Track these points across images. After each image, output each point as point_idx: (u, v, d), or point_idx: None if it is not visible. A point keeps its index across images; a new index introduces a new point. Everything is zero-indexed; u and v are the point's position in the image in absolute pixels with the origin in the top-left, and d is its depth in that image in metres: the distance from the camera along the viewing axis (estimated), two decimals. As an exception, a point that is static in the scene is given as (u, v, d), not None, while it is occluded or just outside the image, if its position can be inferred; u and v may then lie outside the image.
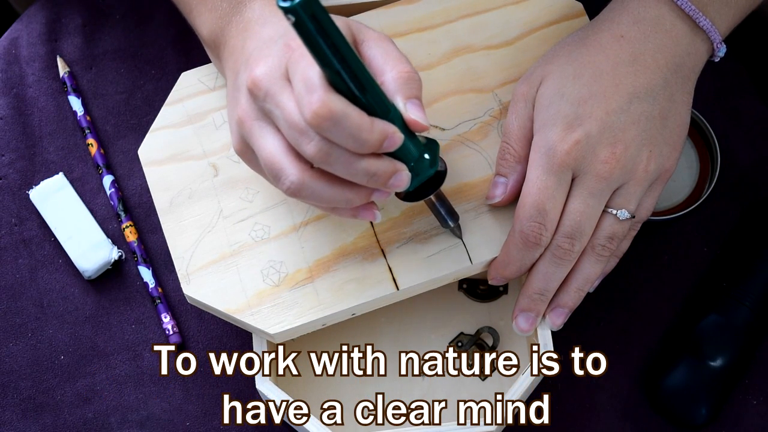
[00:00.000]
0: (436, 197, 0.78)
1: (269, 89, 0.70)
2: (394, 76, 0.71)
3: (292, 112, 0.69)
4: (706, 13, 0.79)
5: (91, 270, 0.93)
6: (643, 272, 0.93)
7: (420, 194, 0.76)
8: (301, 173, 0.71)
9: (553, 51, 0.81)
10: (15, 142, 0.98)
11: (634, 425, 0.89)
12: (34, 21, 1.02)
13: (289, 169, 0.71)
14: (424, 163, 0.73)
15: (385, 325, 0.91)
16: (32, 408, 0.91)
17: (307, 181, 0.71)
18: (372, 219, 0.74)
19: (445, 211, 0.79)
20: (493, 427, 0.80)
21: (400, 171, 0.71)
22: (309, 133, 0.68)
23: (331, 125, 0.67)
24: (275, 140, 0.71)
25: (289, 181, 0.71)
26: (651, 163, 0.78)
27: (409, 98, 0.71)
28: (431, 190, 0.76)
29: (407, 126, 0.71)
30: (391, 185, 0.71)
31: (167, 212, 0.83)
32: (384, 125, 0.69)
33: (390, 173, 0.71)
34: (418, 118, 0.71)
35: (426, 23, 0.86)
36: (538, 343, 0.82)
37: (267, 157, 0.71)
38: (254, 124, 0.72)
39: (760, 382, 0.90)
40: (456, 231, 0.81)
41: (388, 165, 0.71)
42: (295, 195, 0.72)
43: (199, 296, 0.80)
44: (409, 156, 0.72)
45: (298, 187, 0.71)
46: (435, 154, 0.74)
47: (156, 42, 1.01)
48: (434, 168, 0.74)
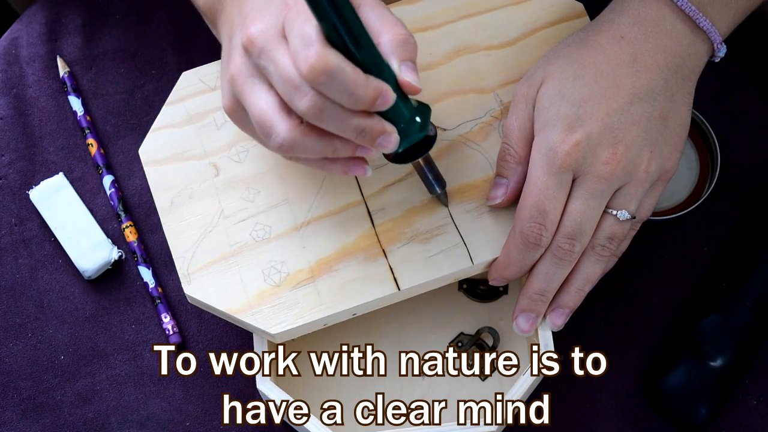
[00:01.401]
0: (425, 162, 0.79)
1: (264, 45, 0.71)
2: (390, 38, 0.72)
3: (286, 67, 0.69)
4: (707, 14, 0.79)
5: (91, 270, 0.93)
6: (643, 272, 0.93)
7: (408, 157, 0.77)
8: (292, 129, 0.71)
9: (553, 52, 0.81)
10: (15, 142, 0.98)
11: (634, 425, 0.89)
12: (34, 21, 1.02)
13: (280, 125, 0.71)
14: (414, 125, 0.74)
15: (385, 325, 0.91)
16: (32, 408, 0.91)
17: (297, 137, 0.71)
18: (362, 174, 0.75)
19: (433, 176, 0.80)
20: (493, 427, 0.80)
21: (389, 133, 0.72)
22: (303, 87, 0.69)
23: (327, 79, 0.68)
24: (268, 97, 0.72)
25: (281, 137, 0.71)
26: (652, 164, 0.78)
27: (404, 60, 0.72)
28: (420, 154, 0.77)
29: (400, 88, 0.72)
30: (378, 144, 0.72)
31: (168, 212, 0.83)
32: (378, 82, 0.69)
33: (379, 132, 0.71)
34: (412, 80, 0.71)
35: (427, 23, 0.86)
36: (539, 343, 0.82)
37: (258, 114, 0.72)
38: (247, 81, 0.72)
39: (760, 382, 0.90)
40: (442, 198, 0.81)
41: (377, 123, 0.71)
42: (286, 151, 0.72)
43: (200, 296, 0.80)
44: (400, 117, 0.73)
45: (290, 143, 0.71)
46: (426, 118, 0.75)
47: (156, 42, 1.01)
48: (424, 132, 0.75)
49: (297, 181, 0.83)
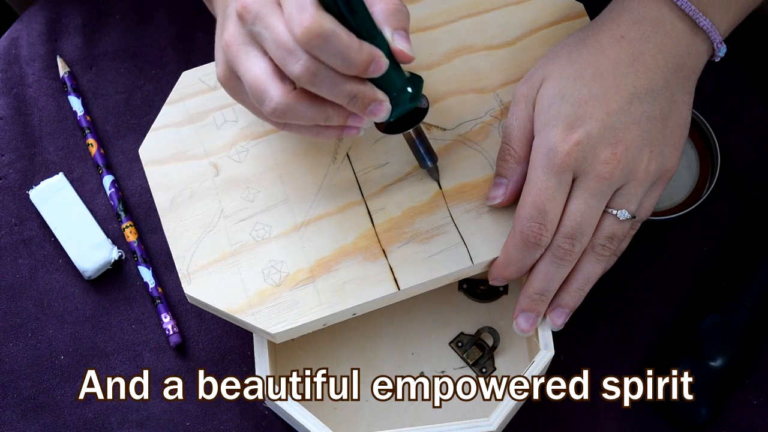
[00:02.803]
0: (416, 134, 0.80)
1: (259, 11, 0.71)
2: (383, 7, 0.72)
3: (281, 32, 0.70)
4: (706, 13, 0.79)
5: (91, 270, 0.93)
6: (643, 272, 0.93)
7: (400, 127, 0.77)
8: (285, 94, 0.72)
9: (553, 52, 0.81)
10: (15, 142, 0.98)
11: (634, 425, 0.89)
12: (34, 21, 1.02)
13: (273, 90, 0.72)
14: (406, 95, 0.74)
15: (385, 325, 0.91)
16: (32, 408, 0.91)
17: (291, 102, 0.72)
18: (356, 134, 0.75)
19: (424, 149, 0.80)
20: (494, 426, 0.80)
21: (381, 101, 0.72)
22: (297, 52, 0.69)
23: (321, 42, 0.68)
24: (261, 63, 0.72)
25: (274, 102, 0.72)
26: (652, 164, 0.78)
27: (397, 29, 0.72)
28: (411, 125, 0.77)
29: (393, 57, 0.72)
30: (370, 112, 0.73)
31: (168, 212, 0.83)
32: (371, 48, 0.70)
33: (371, 99, 0.72)
34: (405, 48, 0.72)
35: (427, 23, 0.86)
36: (538, 342, 0.82)
37: (252, 80, 0.72)
38: (241, 48, 0.73)
39: (760, 382, 0.90)
40: (433, 172, 0.82)
41: (370, 90, 0.72)
42: (279, 116, 0.73)
43: (200, 296, 0.80)
44: (392, 86, 0.73)
45: (283, 108, 0.72)
46: (418, 89, 0.75)
47: (156, 42, 1.01)
48: (415, 102, 0.75)
49: (297, 181, 0.83)
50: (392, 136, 0.83)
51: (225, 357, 0.92)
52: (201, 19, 1.01)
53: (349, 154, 0.84)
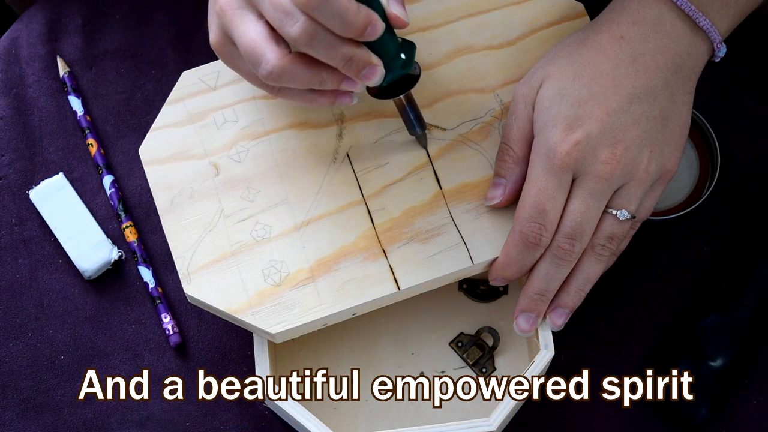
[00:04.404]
0: (407, 100, 0.81)
1: None
2: None
3: None
4: (706, 14, 0.79)
5: (91, 270, 0.93)
6: (643, 272, 0.93)
7: (391, 92, 0.79)
8: (281, 57, 0.72)
9: (553, 52, 0.81)
10: (15, 142, 0.98)
11: (634, 425, 0.89)
12: (34, 21, 1.02)
13: (269, 53, 0.72)
14: (399, 61, 0.76)
15: (385, 325, 0.91)
16: (32, 408, 0.91)
17: (286, 65, 0.72)
18: (349, 102, 0.76)
19: (414, 116, 0.81)
20: (494, 426, 0.80)
21: (375, 65, 0.73)
22: (295, 13, 0.70)
23: (320, 3, 0.69)
24: (257, 26, 0.73)
25: (270, 64, 0.72)
26: (652, 164, 0.78)
27: None
28: (403, 91, 0.78)
29: (388, 22, 0.73)
30: (363, 76, 0.73)
31: (168, 212, 0.83)
32: (368, 11, 0.71)
33: (365, 62, 0.73)
34: (400, 13, 0.73)
35: (427, 23, 0.86)
36: (539, 342, 0.82)
37: (247, 43, 0.73)
38: (236, 12, 0.74)
39: (760, 382, 0.90)
40: (422, 139, 0.83)
41: (365, 54, 0.73)
42: (275, 80, 0.73)
43: (200, 296, 0.80)
44: (386, 51, 0.74)
45: (279, 71, 0.72)
46: (411, 55, 0.76)
47: (156, 42, 1.01)
48: (408, 68, 0.76)
49: (297, 181, 0.83)
50: (391, 138, 0.83)
51: (225, 357, 0.92)
52: (201, 19, 1.01)
53: (349, 154, 0.84)
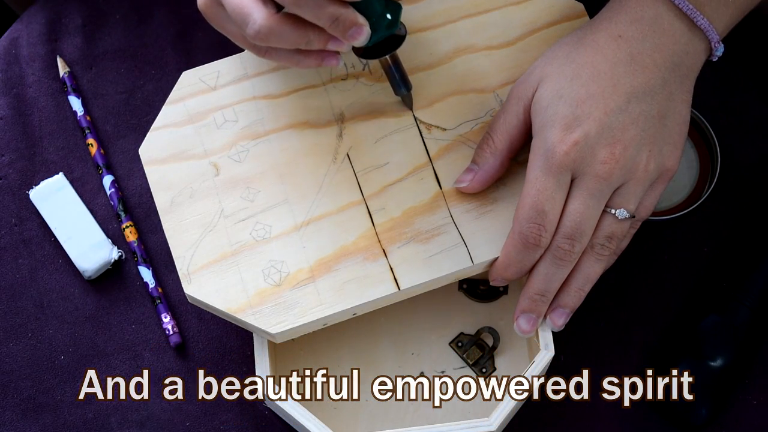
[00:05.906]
0: (393, 61, 0.82)
1: None
2: None
3: None
4: (704, 12, 0.79)
5: (91, 270, 0.93)
6: (643, 272, 0.93)
7: (377, 53, 0.80)
8: (268, 17, 0.73)
9: (551, 52, 0.81)
10: (15, 142, 0.98)
11: (634, 425, 0.89)
12: (34, 21, 1.02)
13: (256, 13, 0.73)
14: (384, 21, 0.77)
15: (385, 325, 0.91)
16: (32, 408, 0.91)
17: (273, 24, 0.73)
18: (335, 64, 0.77)
19: (400, 76, 0.83)
20: (494, 426, 0.80)
21: (361, 25, 0.74)
22: None
23: None
24: None
25: (258, 24, 0.73)
26: (651, 163, 0.78)
27: None
28: (388, 51, 0.80)
29: None
30: (350, 36, 0.74)
31: (168, 212, 0.83)
32: None
33: (352, 22, 0.74)
34: None
35: (427, 23, 0.86)
36: (539, 342, 0.82)
37: (235, 3, 0.74)
38: None
39: (760, 382, 0.90)
40: (407, 100, 0.84)
41: (351, 13, 0.74)
42: (262, 39, 0.74)
43: (200, 296, 0.80)
44: (372, 12, 0.76)
45: (266, 31, 0.73)
46: (396, 15, 0.77)
47: (156, 42, 1.01)
48: (393, 29, 0.78)
49: (297, 181, 0.83)
50: (391, 138, 0.83)
51: (225, 357, 0.92)
52: (201, 19, 1.01)
53: (349, 154, 0.84)
